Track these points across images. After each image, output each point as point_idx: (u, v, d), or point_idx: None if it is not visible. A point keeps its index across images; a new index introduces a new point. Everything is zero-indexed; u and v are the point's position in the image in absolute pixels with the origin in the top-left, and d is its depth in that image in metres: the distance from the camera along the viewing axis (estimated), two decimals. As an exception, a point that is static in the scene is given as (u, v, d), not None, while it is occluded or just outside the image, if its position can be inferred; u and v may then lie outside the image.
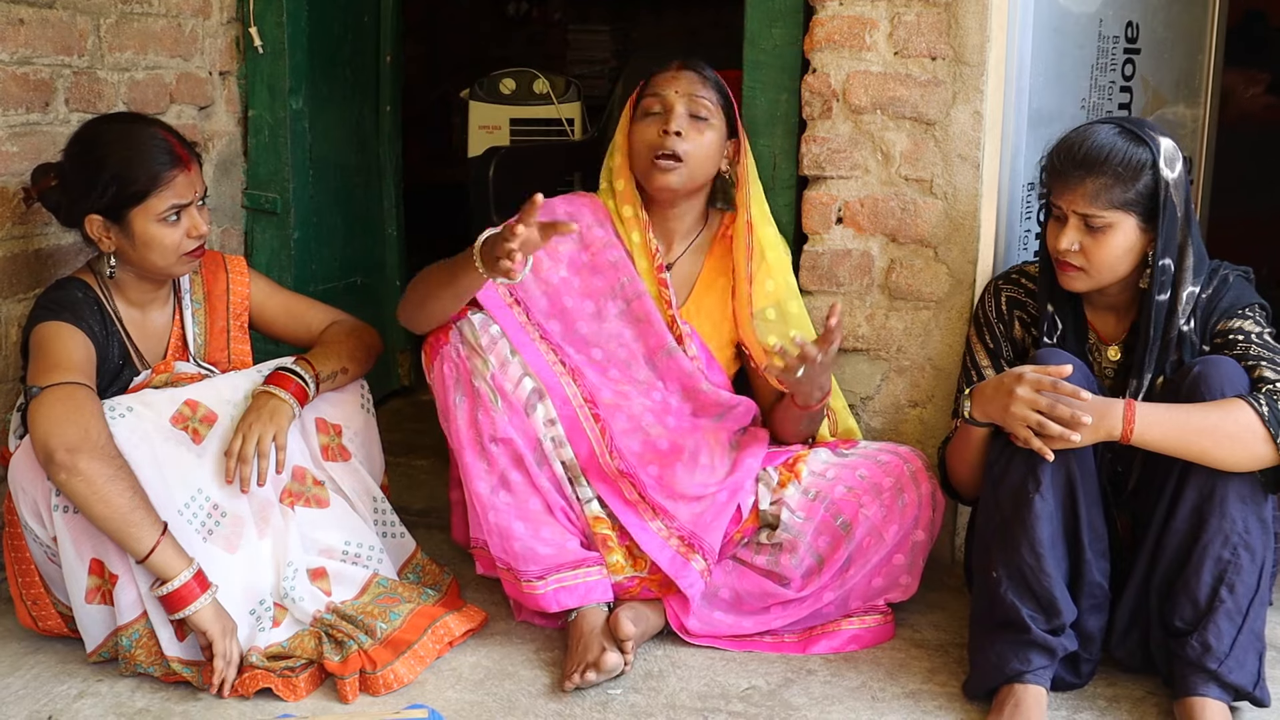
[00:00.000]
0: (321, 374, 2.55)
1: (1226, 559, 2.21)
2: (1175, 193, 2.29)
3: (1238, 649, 2.21)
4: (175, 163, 2.42)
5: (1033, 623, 2.25)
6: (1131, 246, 2.32)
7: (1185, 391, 2.25)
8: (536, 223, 2.30)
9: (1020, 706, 2.22)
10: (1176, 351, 2.35)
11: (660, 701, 2.34)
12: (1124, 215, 2.30)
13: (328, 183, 3.62)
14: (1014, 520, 2.28)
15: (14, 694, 2.32)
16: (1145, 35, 3.02)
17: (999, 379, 2.31)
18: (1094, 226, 2.30)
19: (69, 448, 2.22)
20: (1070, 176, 2.31)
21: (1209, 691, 2.20)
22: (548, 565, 2.47)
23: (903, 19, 2.72)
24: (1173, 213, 2.29)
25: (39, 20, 2.72)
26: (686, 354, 2.65)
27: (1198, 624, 2.22)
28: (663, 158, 2.59)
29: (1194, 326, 2.35)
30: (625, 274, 2.66)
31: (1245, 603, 2.21)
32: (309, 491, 2.54)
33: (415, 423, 3.83)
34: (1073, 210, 2.32)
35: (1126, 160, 2.28)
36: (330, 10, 3.56)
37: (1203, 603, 2.22)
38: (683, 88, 2.62)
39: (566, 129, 5.41)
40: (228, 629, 2.31)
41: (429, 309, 2.53)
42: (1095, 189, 2.29)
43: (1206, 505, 2.22)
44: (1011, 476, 2.29)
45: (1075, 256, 2.33)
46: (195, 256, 2.50)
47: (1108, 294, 2.41)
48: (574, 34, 7.50)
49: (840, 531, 2.49)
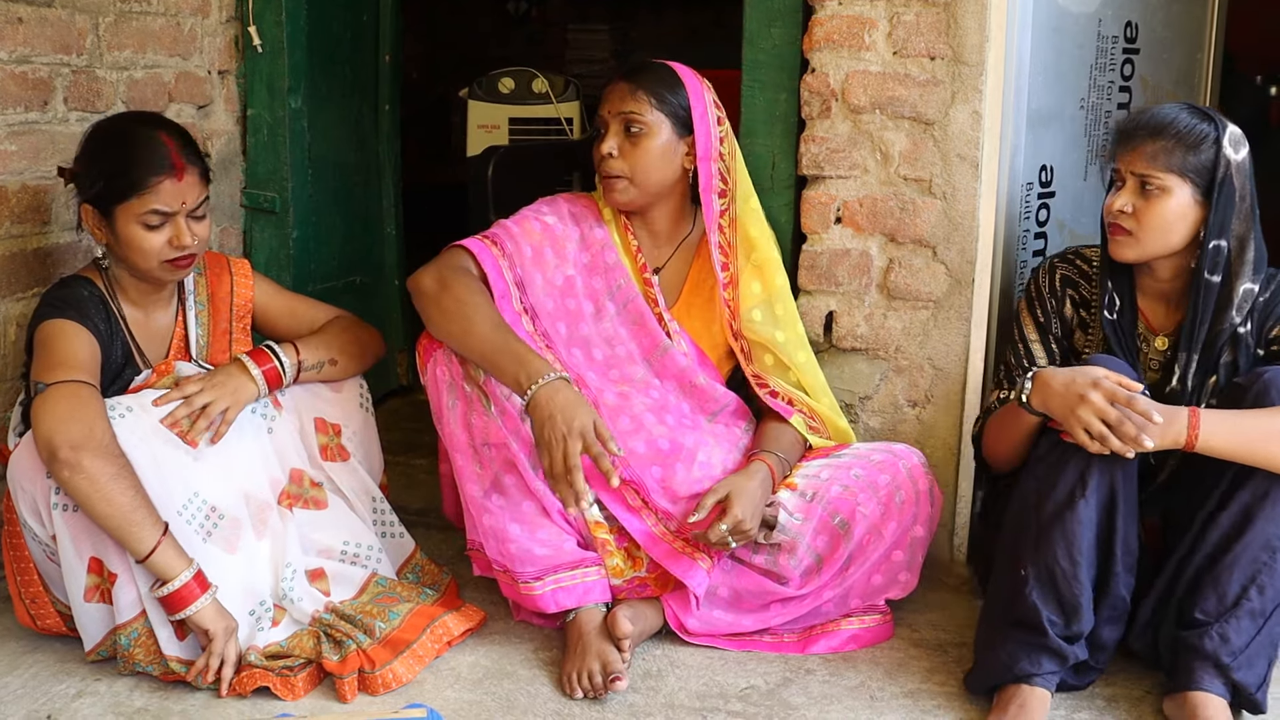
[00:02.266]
0: (305, 361, 2.55)
1: (1264, 560, 2.21)
2: (1237, 175, 2.32)
3: (1253, 649, 2.21)
4: (167, 169, 2.40)
5: (1051, 627, 2.25)
6: (1183, 215, 2.34)
7: (1252, 399, 2.25)
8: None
9: (1025, 708, 2.21)
10: (1230, 352, 2.36)
11: (659, 701, 2.34)
12: (1180, 181, 2.32)
13: (327, 182, 3.62)
14: (1055, 523, 2.26)
15: (12, 693, 2.32)
16: (1144, 35, 3.02)
17: (1070, 376, 2.27)
18: (1149, 189, 2.33)
19: (73, 445, 2.22)
20: (1134, 137, 2.36)
21: (1213, 687, 2.20)
22: (545, 566, 2.47)
23: (902, 19, 2.72)
24: (1231, 193, 2.32)
25: (38, 19, 2.72)
26: (678, 351, 2.65)
27: (1220, 617, 2.22)
28: (608, 177, 2.62)
29: (1250, 330, 2.36)
30: (622, 275, 2.67)
31: (1271, 606, 2.22)
32: (307, 494, 2.54)
33: (413, 422, 3.83)
34: (1131, 171, 2.36)
35: (1190, 128, 2.33)
36: (329, 9, 3.56)
37: (1230, 599, 2.22)
38: (615, 105, 2.61)
39: (565, 128, 5.40)
40: (230, 628, 2.31)
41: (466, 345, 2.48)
42: (1155, 150, 2.33)
43: (1258, 506, 2.22)
44: (1059, 478, 2.28)
45: (1127, 220, 2.36)
46: (179, 266, 2.46)
47: (1159, 277, 2.42)
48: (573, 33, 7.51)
49: (839, 530, 2.49)
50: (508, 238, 2.60)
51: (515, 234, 2.61)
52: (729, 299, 2.67)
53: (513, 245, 2.59)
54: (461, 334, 2.43)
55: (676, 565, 2.47)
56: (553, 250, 2.63)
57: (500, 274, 2.54)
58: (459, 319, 2.43)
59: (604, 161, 2.62)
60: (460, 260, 2.53)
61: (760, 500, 2.48)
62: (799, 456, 2.64)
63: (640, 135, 2.59)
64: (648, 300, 2.68)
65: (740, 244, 2.68)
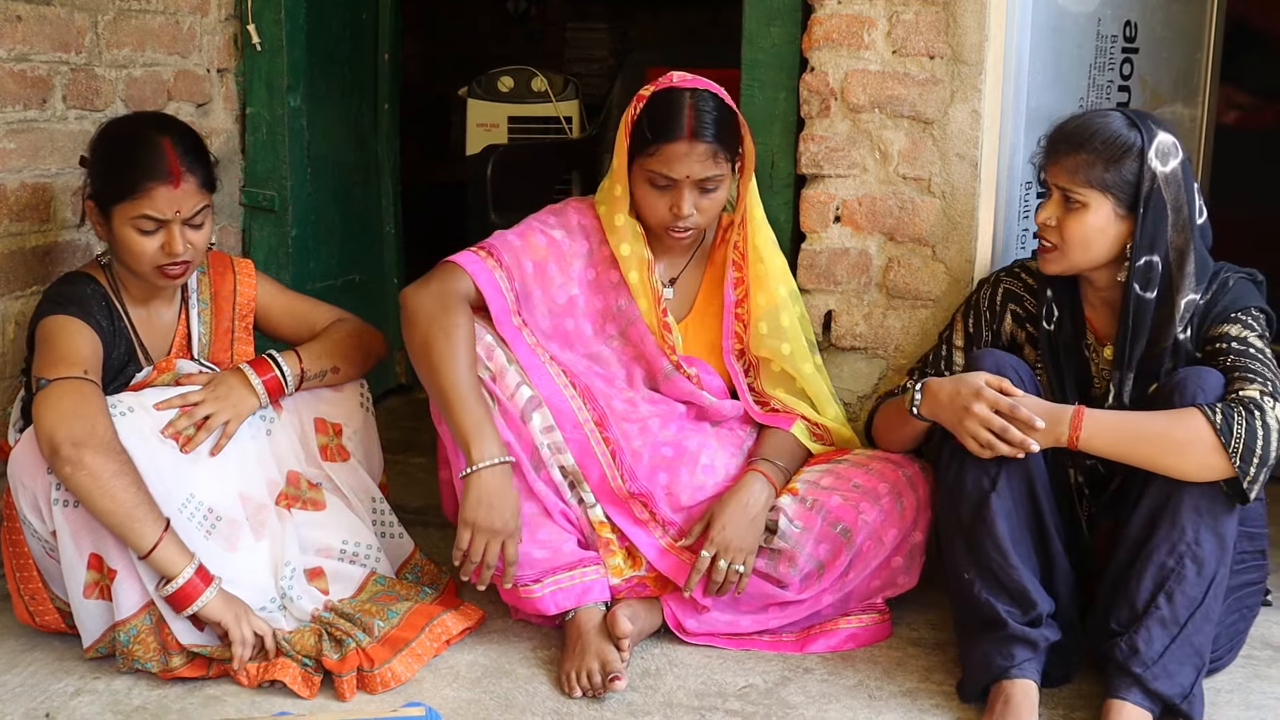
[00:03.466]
0: (308, 370, 2.55)
1: (1170, 567, 2.19)
2: (1166, 187, 2.27)
3: (1168, 658, 2.17)
4: (162, 176, 2.39)
5: (1010, 617, 2.26)
6: (1103, 230, 2.31)
7: (1161, 402, 2.24)
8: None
9: (1010, 702, 2.21)
10: (1172, 359, 2.33)
11: (657, 700, 2.34)
12: (1100, 196, 2.29)
13: (326, 180, 3.62)
14: (975, 522, 2.29)
15: (11, 691, 2.32)
16: (1144, 34, 3.02)
17: (955, 387, 2.32)
18: (1070, 203, 2.32)
19: (75, 442, 2.22)
20: (1057, 149, 2.35)
21: (1130, 696, 2.17)
22: (543, 569, 2.46)
23: (901, 18, 2.72)
24: (1159, 207, 2.27)
25: (36, 17, 2.72)
26: (686, 375, 2.62)
27: (1129, 626, 2.21)
28: (675, 230, 2.53)
29: (1190, 335, 2.33)
30: (624, 297, 2.61)
31: (1184, 614, 2.18)
32: (305, 495, 2.54)
33: (412, 421, 3.83)
34: (1055, 184, 2.35)
35: (1111, 140, 2.29)
36: (328, 8, 3.56)
37: (1139, 607, 2.20)
38: (694, 170, 2.45)
39: (565, 127, 5.41)
40: (240, 614, 2.31)
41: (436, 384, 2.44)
42: (1075, 164, 2.30)
43: (1159, 512, 2.21)
44: (965, 480, 2.31)
45: (1051, 233, 2.35)
46: (172, 274, 2.45)
47: (1098, 286, 2.41)
48: (572, 32, 7.50)
49: (840, 538, 2.49)
50: (506, 250, 2.53)
51: (516, 247, 2.54)
52: (740, 313, 2.64)
53: (511, 258, 2.52)
54: (432, 372, 2.40)
55: (682, 575, 2.48)
56: (557, 266, 2.57)
57: (499, 291, 2.48)
58: (435, 358, 2.39)
59: (678, 220, 2.50)
60: (457, 283, 2.46)
61: (750, 515, 2.48)
62: (801, 463, 2.63)
63: (714, 189, 2.50)
64: (661, 341, 2.61)
65: (749, 252, 2.65)
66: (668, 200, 2.49)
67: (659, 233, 2.55)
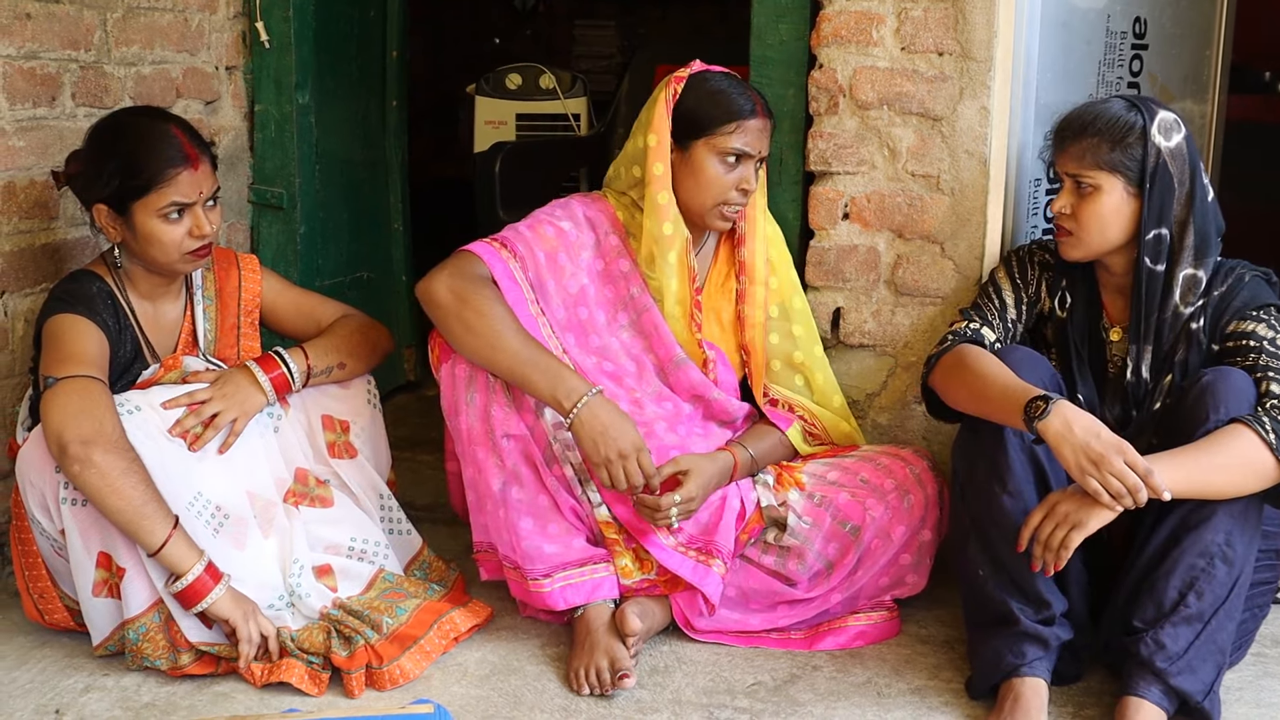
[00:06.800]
0: (315, 367, 2.55)
1: (1200, 567, 2.18)
2: (1172, 161, 2.31)
3: (1192, 654, 2.17)
4: (182, 161, 2.41)
5: (1022, 614, 2.26)
6: (1118, 209, 2.34)
7: (1190, 404, 2.22)
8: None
9: (1020, 700, 2.21)
10: (1184, 349, 2.34)
11: (666, 697, 2.34)
12: (1110, 177, 2.32)
13: (334, 178, 3.62)
14: (986, 518, 2.29)
15: (21, 688, 2.33)
16: (1153, 31, 3.01)
17: (1094, 430, 2.13)
18: (1083, 188, 2.34)
19: (83, 440, 2.23)
20: (1064, 137, 2.39)
21: (1148, 694, 2.17)
22: (554, 564, 2.46)
23: (910, 14, 2.71)
24: (1167, 181, 2.31)
25: (46, 15, 2.72)
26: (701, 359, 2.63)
27: (1156, 624, 2.20)
28: (731, 206, 2.56)
29: (1203, 325, 2.34)
30: (635, 285, 2.62)
31: (1210, 611, 2.18)
32: (313, 492, 2.54)
33: (420, 417, 3.83)
34: (1065, 172, 2.38)
35: (1114, 122, 2.33)
36: (337, 5, 3.56)
37: (1166, 605, 2.19)
38: (763, 147, 2.56)
39: (573, 124, 5.41)
40: (248, 613, 2.32)
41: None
42: (1082, 149, 2.34)
43: (1195, 515, 2.20)
44: (977, 476, 2.31)
45: (1067, 220, 2.38)
46: (199, 256, 2.48)
47: (1113, 272, 2.42)
48: (580, 29, 7.50)
49: (849, 536, 2.49)
50: (519, 241, 2.53)
51: (528, 239, 2.55)
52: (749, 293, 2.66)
53: (525, 249, 2.52)
54: (488, 349, 2.38)
55: (693, 575, 2.47)
56: (567, 256, 2.57)
57: (513, 279, 2.48)
58: (484, 334, 2.37)
59: (744, 195, 2.55)
60: (473, 267, 2.45)
61: (712, 486, 2.48)
62: (777, 460, 2.64)
63: (762, 169, 2.62)
64: (689, 323, 2.62)
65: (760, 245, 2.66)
66: (735, 177, 2.53)
67: (703, 213, 2.57)
